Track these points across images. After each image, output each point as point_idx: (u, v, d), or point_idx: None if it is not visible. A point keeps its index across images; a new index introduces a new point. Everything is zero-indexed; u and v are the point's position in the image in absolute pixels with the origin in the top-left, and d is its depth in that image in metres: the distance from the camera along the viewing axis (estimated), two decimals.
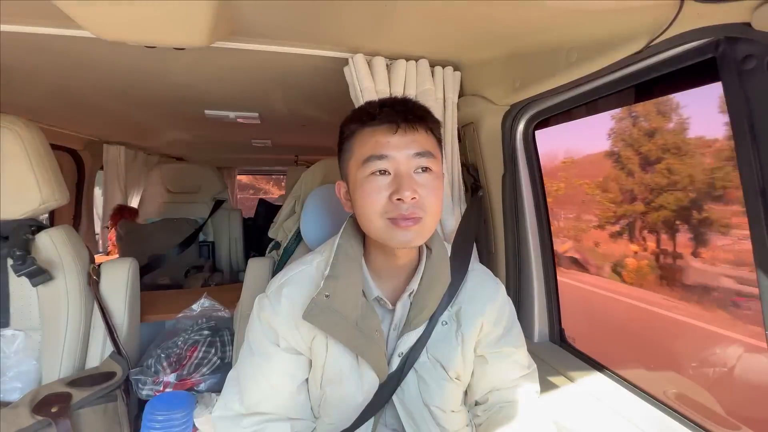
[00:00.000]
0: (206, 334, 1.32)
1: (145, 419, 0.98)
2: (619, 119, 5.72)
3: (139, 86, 1.38)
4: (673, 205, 5.03)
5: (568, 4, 0.68)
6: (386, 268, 0.72)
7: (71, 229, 1.08)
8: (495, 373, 0.77)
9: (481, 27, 0.86)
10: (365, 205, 0.63)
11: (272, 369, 0.69)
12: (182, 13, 0.73)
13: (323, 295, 0.64)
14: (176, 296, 1.70)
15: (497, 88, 1.02)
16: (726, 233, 4.10)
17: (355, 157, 0.65)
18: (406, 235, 0.62)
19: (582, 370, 0.97)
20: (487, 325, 0.75)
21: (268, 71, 1.18)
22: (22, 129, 0.95)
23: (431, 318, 0.71)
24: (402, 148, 0.62)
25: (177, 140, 2.57)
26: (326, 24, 0.86)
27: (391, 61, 1.02)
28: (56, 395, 0.89)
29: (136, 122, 2.03)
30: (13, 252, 0.92)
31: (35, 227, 1.02)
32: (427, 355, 0.71)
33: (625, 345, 3.13)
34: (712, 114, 4.55)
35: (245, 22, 0.84)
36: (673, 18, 0.58)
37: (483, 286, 0.78)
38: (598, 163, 6.01)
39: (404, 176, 0.62)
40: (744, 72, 0.57)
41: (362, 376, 0.68)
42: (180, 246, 2.23)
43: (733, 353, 2.12)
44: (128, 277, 1.13)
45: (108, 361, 1.04)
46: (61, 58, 1.05)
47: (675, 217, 4.99)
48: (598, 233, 5.57)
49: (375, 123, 0.64)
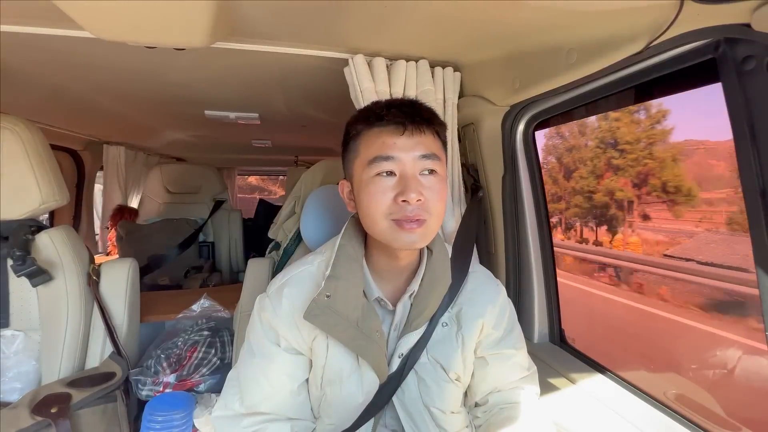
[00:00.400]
0: (206, 334, 1.32)
1: (144, 420, 0.98)
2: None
3: (139, 87, 1.38)
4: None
5: (568, 5, 0.68)
6: (387, 269, 0.71)
7: (71, 230, 1.08)
8: (495, 374, 0.77)
9: (481, 27, 0.86)
10: (370, 205, 0.63)
11: (273, 369, 0.69)
12: (182, 14, 0.73)
13: (324, 295, 0.64)
14: (176, 297, 1.69)
15: (497, 89, 1.02)
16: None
17: (361, 158, 0.65)
18: (411, 237, 0.62)
19: (582, 370, 0.97)
20: (488, 326, 0.75)
21: (268, 72, 1.19)
22: (22, 129, 0.95)
23: (431, 319, 0.71)
24: (408, 150, 0.62)
25: (177, 141, 2.57)
26: (326, 24, 0.86)
27: (391, 61, 1.02)
28: (56, 396, 0.89)
29: (136, 123, 2.03)
30: (13, 252, 0.92)
31: (35, 227, 1.02)
32: (427, 356, 0.71)
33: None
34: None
35: (245, 23, 0.84)
36: (672, 19, 0.58)
37: (484, 287, 0.78)
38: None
39: (410, 178, 0.62)
40: (744, 73, 0.57)
41: (362, 376, 0.68)
42: (180, 246, 2.23)
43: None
44: (128, 278, 1.13)
45: (108, 362, 1.04)
46: (61, 58, 1.05)
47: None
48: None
49: (382, 124, 0.64)
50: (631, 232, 8.75)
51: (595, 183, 7.63)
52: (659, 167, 8.41)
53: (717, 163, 9.12)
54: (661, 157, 8.48)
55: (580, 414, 0.86)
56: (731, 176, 8.28)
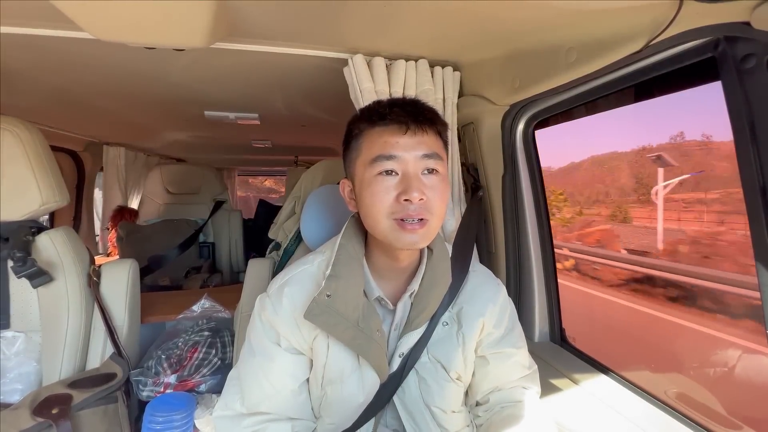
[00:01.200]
0: (207, 335, 1.32)
1: (145, 420, 0.98)
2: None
3: (138, 87, 1.38)
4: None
5: (568, 4, 0.68)
6: (387, 269, 0.71)
7: (71, 231, 1.08)
8: (496, 373, 0.77)
9: (481, 27, 0.86)
10: (372, 204, 0.63)
11: (273, 368, 0.69)
12: (182, 14, 0.73)
13: (324, 294, 0.64)
14: (176, 297, 1.70)
15: (497, 88, 1.02)
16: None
17: (363, 157, 0.65)
18: (412, 237, 0.62)
19: (583, 370, 0.97)
20: (488, 325, 0.75)
21: (267, 72, 1.18)
22: (22, 131, 0.95)
23: (432, 318, 0.71)
24: (411, 149, 0.62)
25: (177, 141, 2.57)
26: (326, 24, 0.86)
27: (390, 61, 1.02)
28: (57, 397, 0.89)
29: (136, 123, 2.03)
30: (14, 253, 0.92)
31: (35, 229, 1.02)
32: (428, 355, 0.71)
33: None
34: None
35: (245, 23, 0.84)
36: (672, 17, 0.58)
37: (484, 287, 0.78)
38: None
39: (412, 177, 0.62)
40: (743, 71, 0.57)
41: (363, 376, 0.68)
42: (180, 247, 2.23)
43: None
44: (128, 279, 1.13)
45: (108, 363, 1.04)
46: (60, 59, 1.05)
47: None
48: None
49: (384, 123, 0.64)
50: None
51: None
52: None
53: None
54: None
55: (581, 413, 0.86)
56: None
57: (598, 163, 8.98)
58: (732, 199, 5.03)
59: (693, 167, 6.08)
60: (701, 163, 6.30)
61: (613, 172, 8.48)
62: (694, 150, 6.38)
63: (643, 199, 6.94)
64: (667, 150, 5.93)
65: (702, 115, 7.03)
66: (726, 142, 5.67)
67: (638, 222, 6.85)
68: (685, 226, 5.91)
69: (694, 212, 5.86)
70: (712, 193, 5.69)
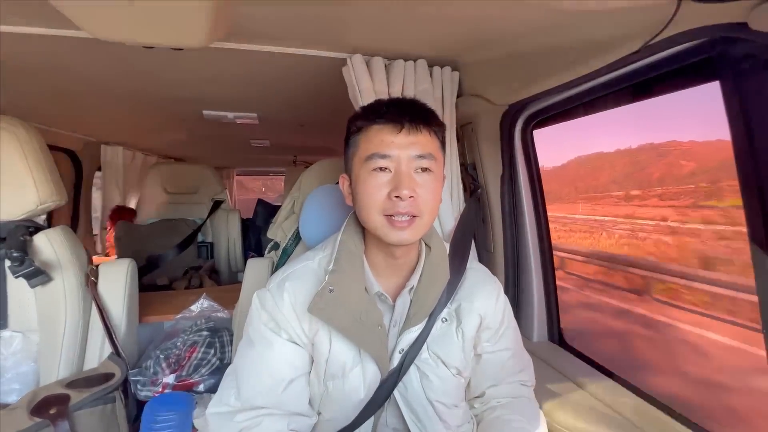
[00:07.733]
0: (205, 334, 1.32)
1: (144, 420, 0.98)
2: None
3: (137, 87, 1.37)
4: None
5: (566, 5, 0.68)
6: (385, 265, 0.72)
7: (69, 230, 1.08)
8: (492, 370, 0.78)
9: (479, 27, 0.86)
10: (365, 199, 0.65)
11: (272, 356, 0.68)
12: (180, 14, 0.73)
13: (328, 288, 0.65)
14: (175, 297, 1.69)
15: (495, 88, 1.03)
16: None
17: (360, 153, 0.67)
18: (401, 234, 0.63)
19: (580, 369, 0.97)
20: (485, 322, 0.76)
21: (266, 72, 1.18)
22: (19, 130, 0.95)
23: (431, 315, 0.72)
24: (404, 148, 0.64)
25: (175, 141, 2.57)
26: (324, 24, 0.86)
27: (389, 61, 1.02)
28: (54, 397, 0.89)
29: (134, 123, 2.03)
30: (11, 253, 0.92)
31: (33, 228, 1.01)
32: (428, 351, 0.72)
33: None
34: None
35: (243, 23, 0.84)
36: (670, 18, 0.58)
37: (481, 284, 0.79)
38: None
39: (404, 175, 0.63)
40: (741, 71, 0.57)
41: (365, 370, 0.69)
42: (178, 247, 2.22)
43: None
44: (126, 278, 1.12)
45: (106, 363, 1.03)
46: (59, 58, 1.05)
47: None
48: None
49: (381, 121, 0.66)
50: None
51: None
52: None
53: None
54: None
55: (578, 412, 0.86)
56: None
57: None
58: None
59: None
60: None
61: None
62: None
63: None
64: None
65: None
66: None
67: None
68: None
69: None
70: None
